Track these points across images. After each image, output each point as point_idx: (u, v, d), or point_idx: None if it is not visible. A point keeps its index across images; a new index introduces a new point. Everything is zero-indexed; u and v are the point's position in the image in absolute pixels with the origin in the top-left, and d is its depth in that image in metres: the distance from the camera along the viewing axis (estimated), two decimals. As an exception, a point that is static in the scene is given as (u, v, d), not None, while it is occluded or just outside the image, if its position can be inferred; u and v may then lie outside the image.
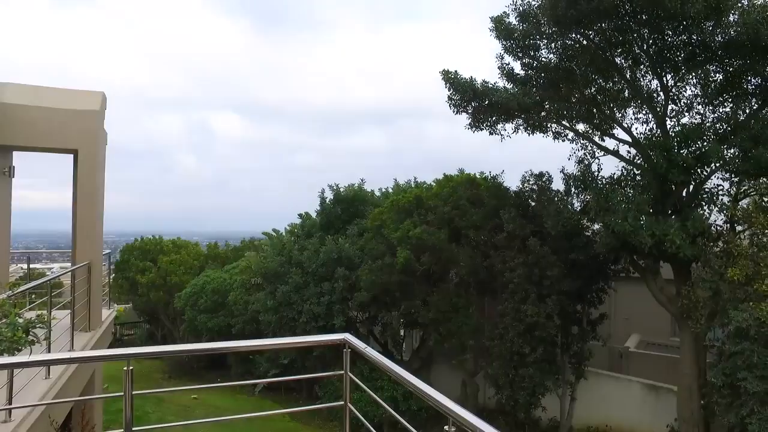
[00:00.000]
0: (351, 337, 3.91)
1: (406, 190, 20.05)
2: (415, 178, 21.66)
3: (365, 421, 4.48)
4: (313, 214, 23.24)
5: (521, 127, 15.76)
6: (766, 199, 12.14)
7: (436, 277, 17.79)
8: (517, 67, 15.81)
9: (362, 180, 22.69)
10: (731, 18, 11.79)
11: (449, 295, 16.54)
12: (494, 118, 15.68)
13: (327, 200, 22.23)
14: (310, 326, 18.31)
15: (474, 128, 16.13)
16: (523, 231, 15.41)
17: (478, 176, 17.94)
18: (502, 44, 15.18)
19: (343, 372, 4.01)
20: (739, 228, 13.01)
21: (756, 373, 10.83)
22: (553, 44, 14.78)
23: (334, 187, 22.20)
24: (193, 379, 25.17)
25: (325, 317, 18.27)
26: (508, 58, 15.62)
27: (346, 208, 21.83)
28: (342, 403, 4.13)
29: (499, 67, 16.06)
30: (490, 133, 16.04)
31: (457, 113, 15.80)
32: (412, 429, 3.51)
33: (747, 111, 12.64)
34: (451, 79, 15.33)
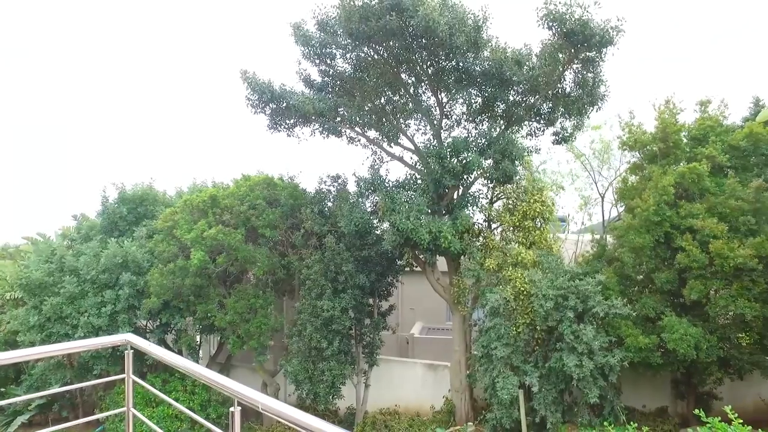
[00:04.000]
0: (134, 336, 3.74)
1: (201, 189, 19.10)
2: (213, 178, 20.84)
3: (153, 425, 4.24)
4: (93, 216, 20.53)
5: (317, 131, 16.46)
6: (510, 202, 15.05)
7: (233, 279, 17.38)
8: (314, 73, 16.49)
9: (152, 178, 20.95)
10: (486, 53, 14.25)
11: (247, 296, 16.30)
12: (292, 121, 16.04)
13: (110, 200, 19.87)
14: (88, 342, 16.09)
15: (272, 130, 16.28)
16: (320, 229, 16.10)
17: (276, 177, 18.12)
18: (301, 50, 15.64)
19: (125, 375, 3.79)
20: (493, 225, 15.82)
21: (502, 341, 13.32)
22: (348, 55, 15.74)
23: (120, 186, 20.00)
24: None
25: (108, 329, 16.28)
26: (306, 64, 16.18)
27: (133, 208, 19.82)
28: (124, 409, 3.89)
29: (297, 72, 16.53)
30: (288, 135, 16.40)
31: (255, 114, 15.77)
32: (200, 420, 3.50)
33: (498, 130, 15.40)
34: (249, 79, 15.21)
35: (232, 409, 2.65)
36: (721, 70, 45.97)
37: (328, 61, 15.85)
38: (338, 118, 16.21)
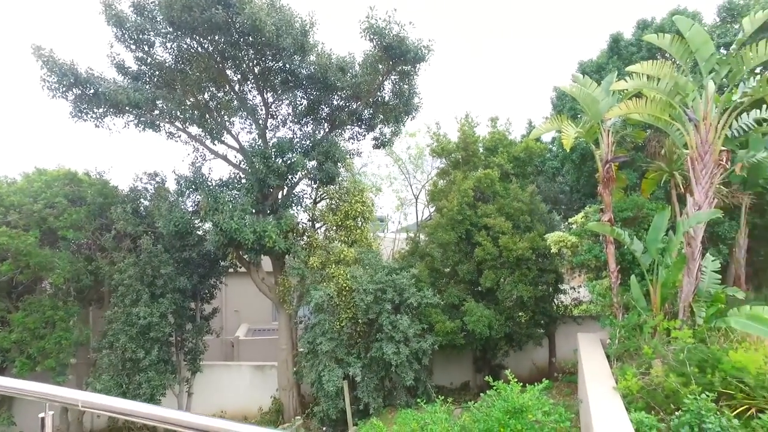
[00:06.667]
0: None
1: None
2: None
3: None
4: None
5: (132, 123, 15.13)
6: (333, 202, 15.78)
7: (22, 289, 14.94)
8: (129, 60, 15.14)
9: None
10: (312, 58, 14.72)
11: (42, 308, 14.20)
12: (102, 111, 14.48)
13: None
14: None
15: (76, 118, 14.48)
16: (135, 230, 14.85)
17: (81, 172, 16.15)
18: (114, 32, 14.23)
19: None
20: (317, 225, 16.38)
21: (327, 336, 13.90)
22: (169, 44, 14.79)
23: None
24: None
25: None
26: (120, 48, 14.75)
27: None
28: None
29: (108, 56, 14.99)
30: (97, 126, 14.76)
31: (53, 98, 13.86)
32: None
33: (322, 132, 16.01)
34: (44, 57, 13.32)
35: (42, 415, 2.41)
36: (512, 90, 54.20)
37: (146, 48, 14.68)
38: (156, 111, 15.12)
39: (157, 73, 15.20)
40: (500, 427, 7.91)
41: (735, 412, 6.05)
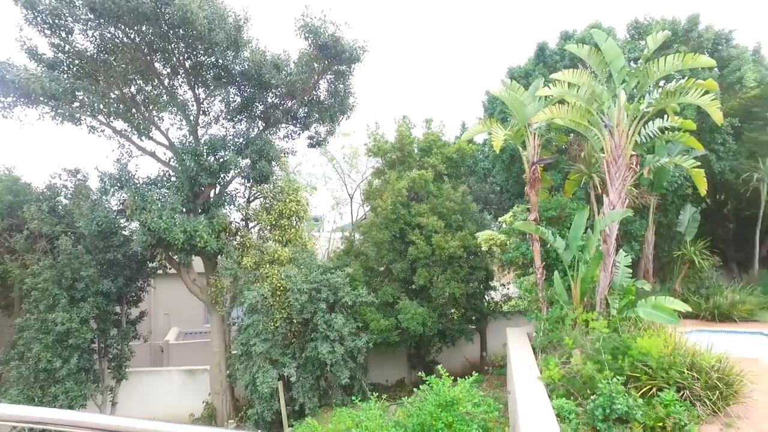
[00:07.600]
0: None
1: None
2: None
3: None
4: None
5: (47, 115, 14.09)
6: (267, 201, 15.53)
7: None
8: (44, 46, 14.08)
9: None
10: (246, 54, 14.41)
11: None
12: (10, 100, 13.38)
13: None
14: None
15: (-18, 108, 13.28)
16: (53, 230, 13.89)
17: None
18: (24, 13, 13.16)
19: None
20: (251, 224, 16.07)
21: (261, 337, 13.69)
22: (90, 32, 13.89)
23: None
24: None
25: None
26: (31, 32, 13.65)
27: None
28: None
29: (18, 40, 13.82)
30: (4, 117, 13.60)
31: (-52, 83, 12.62)
32: None
33: (255, 130, 15.69)
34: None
35: None
36: (449, 92, 55.75)
37: (63, 35, 13.69)
38: (76, 104, 14.16)
39: (76, 62, 14.23)
40: (432, 420, 8.17)
41: (640, 393, 6.64)
